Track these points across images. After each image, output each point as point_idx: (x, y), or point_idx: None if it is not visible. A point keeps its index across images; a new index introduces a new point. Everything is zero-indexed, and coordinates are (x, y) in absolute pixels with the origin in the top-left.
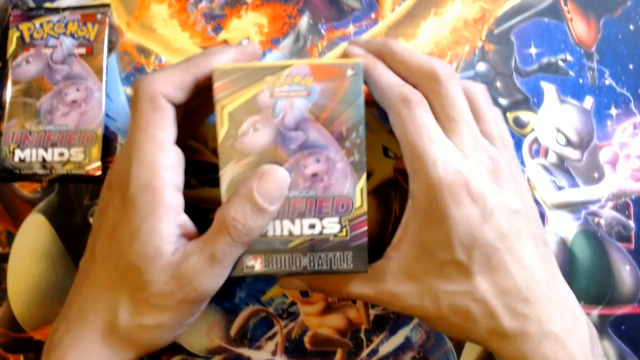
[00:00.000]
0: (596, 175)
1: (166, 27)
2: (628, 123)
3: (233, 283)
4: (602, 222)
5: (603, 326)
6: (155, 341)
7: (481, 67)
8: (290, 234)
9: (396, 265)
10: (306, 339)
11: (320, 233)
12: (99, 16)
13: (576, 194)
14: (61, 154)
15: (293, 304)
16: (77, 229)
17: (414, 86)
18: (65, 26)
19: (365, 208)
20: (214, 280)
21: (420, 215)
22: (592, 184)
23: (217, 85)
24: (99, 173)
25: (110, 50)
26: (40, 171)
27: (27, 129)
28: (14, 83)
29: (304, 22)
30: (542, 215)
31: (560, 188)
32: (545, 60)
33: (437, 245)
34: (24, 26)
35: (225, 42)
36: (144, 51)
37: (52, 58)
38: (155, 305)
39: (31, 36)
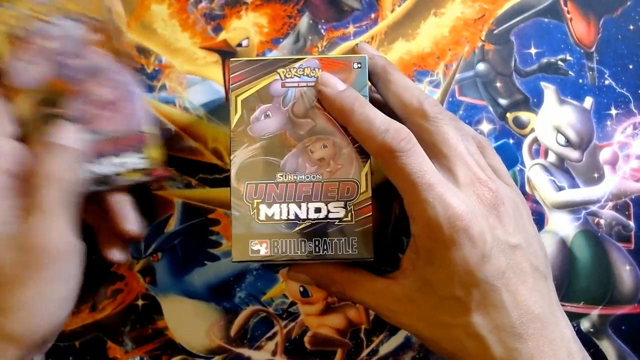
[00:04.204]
0: (596, 175)
1: (166, 27)
2: (628, 123)
3: (233, 283)
4: (602, 222)
5: (603, 326)
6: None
7: (481, 67)
8: (296, 217)
9: (399, 289)
10: (306, 339)
11: (326, 217)
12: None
13: (576, 194)
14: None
15: (293, 304)
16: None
17: (404, 120)
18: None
19: (370, 193)
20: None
21: (423, 254)
22: (592, 184)
23: (232, 76)
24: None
25: None
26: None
27: None
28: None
29: (304, 22)
30: (542, 216)
31: (560, 188)
32: (545, 60)
33: (437, 283)
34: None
35: (225, 42)
36: (144, 51)
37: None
38: (5, 284)
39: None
